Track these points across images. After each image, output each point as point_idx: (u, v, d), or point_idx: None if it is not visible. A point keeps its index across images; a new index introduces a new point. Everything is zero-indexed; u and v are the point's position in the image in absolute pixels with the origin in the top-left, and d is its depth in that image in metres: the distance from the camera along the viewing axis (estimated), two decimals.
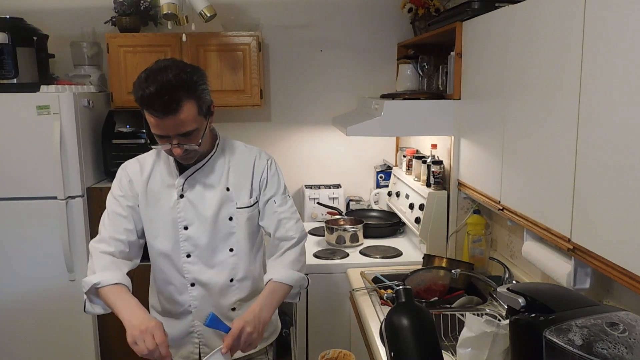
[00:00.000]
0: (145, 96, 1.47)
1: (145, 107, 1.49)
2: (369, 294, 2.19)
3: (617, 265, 1.25)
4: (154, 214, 1.69)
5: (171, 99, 1.46)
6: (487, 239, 2.31)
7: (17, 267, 2.78)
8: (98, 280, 1.57)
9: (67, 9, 3.23)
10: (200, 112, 1.54)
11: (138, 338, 1.42)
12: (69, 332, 2.85)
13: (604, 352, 1.02)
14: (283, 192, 1.76)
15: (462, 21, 2.27)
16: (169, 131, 1.51)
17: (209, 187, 1.68)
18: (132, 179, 1.71)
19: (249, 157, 1.75)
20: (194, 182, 1.68)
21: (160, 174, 1.70)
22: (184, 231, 1.67)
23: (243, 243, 1.71)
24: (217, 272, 1.70)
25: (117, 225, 1.68)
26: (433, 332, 1.35)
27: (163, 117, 1.48)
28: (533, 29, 1.63)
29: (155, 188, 1.69)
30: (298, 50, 3.34)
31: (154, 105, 1.46)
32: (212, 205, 1.67)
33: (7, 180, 2.72)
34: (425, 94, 2.55)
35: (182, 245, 1.68)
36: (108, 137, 2.94)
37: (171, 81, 1.47)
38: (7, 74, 2.76)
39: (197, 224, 1.67)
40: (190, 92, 1.50)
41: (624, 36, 1.19)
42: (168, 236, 1.69)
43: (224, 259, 1.70)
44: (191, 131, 1.53)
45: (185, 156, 1.59)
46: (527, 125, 1.68)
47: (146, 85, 1.47)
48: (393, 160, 3.42)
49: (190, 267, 1.70)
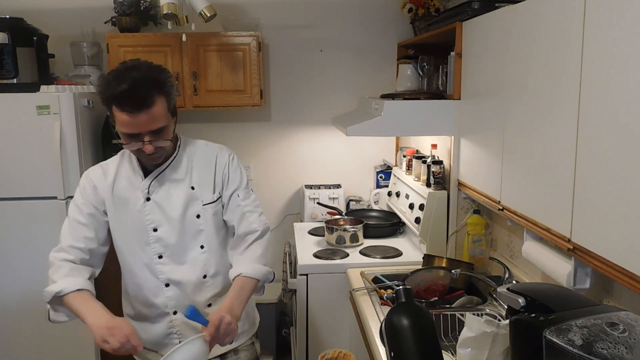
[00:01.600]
0: (117, 94, 1.48)
1: (118, 104, 1.50)
2: (369, 294, 2.19)
3: (617, 265, 1.25)
4: (122, 218, 1.70)
5: (144, 94, 1.49)
6: (487, 239, 2.31)
7: (17, 267, 2.78)
8: (60, 289, 1.59)
9: (67, 9, 3.23)
10: (169, 108, 1.58)
11: (107, 335, 1.45)
12: (69, 332, 2.84)
13: (604, 352, 1.02)
14: (245, 187, 1.78)
15: (462, 21, 2.27)
16: (141, 128, 1.52)
17: (174, 188, 1.70)
18: (97, 185, 1.71)
19: (211, 154, 1.77)
20: (159, 184, 1.69)
21: (125, 178, 1.71)
22: (153, 233, 1.69)
23: (212, 239, 1.73)
24: (189, 270, 1.71)
25: (77, 233, 1.69)
26: (433, 332, 1.35)
27: (136, 114, 1.49)
28: (533, 29, 1.63)
29: (121, 193, 1.70)
30: (298, 50, 3.34)
31: (127, 102, 1.48)
32: (178, 205, 1.69)
33: (7, 180, 2.72)
34: (425, 94, 2.55)
35: (153, 247, 1.69)
36: (108, 137, 2.94)
37: (142, 78, 1.50)
38: (7, 74, 2.76)
39: (165, 225, 1.69)
40: (160, 88, 1.54)
41: (624, 36, 1.19)
42: (138, 239, 1.70)
43: (195, 256, 1.72)
44: (162, 128, 1.56)
45: (154, 155, 1.60)
46: (527, 125, 1.68)
47: (116, 83, 1.48)
48: (393, 160, 3.42)
49: (162, 268, 1.71)
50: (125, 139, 1.56)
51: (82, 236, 1.68)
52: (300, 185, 3.42)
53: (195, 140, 1.81)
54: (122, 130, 1.55)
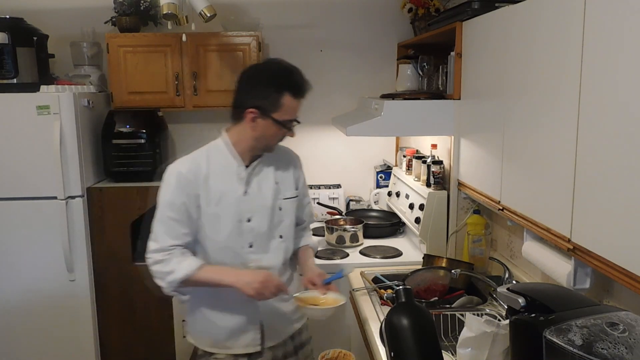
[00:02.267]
0: (301, 81, 1.73)
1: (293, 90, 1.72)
2: (369, 294, 2.19)
3: (617, 265, 1.25)
4: (217, 210, 1.77)
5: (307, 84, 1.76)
6: (487, 239, 2.31)
7: (17, 267, 2.78)
8: (185, 273, 1.71)
9: (67, 9, 3.23)
10: None
11: (262, 290, 1.68)
12: (69, 332, 2.85)
13: (604, 352, 1.02)
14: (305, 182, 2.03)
15: (462, 21, 2.27)
16: (297, 114, 1.77)
17: (264, 182, 1.85)
18: (191, 179, 1.76)
19: (288, 153, 1.97)
20: (254, 177, 1.83)
21: (220, 172, 1.79)
22: (247, 223, 1.80)
23: (289, 229, 1.91)
24: (273, 257, 1.85)
25: (173, 231, 1.75)
26: (433, 332, 1.35)
27: (300, 99, 1.74)
28: (533, 29, 1.63)
29: (217, 186, 1.78)
30: (298, 50, 3.34)
31: (304, 88, 1.74)
32: (268, 197, 1.84)
33: (7, 180, 2.72)
34: (425, 94, 2.55)
35: (246, 237, 1.80)
36: (108, 137, 2.94)
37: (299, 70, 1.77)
38: (7, 74, 2.76)
39: (258, 216, 1.82)
40: None
41: (624, 36, 1.19)
42: (232, 229, 1.79)
43: (276, 245, 1.86)
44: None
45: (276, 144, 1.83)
46: (527, 125, 1.68)
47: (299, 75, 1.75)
48: (393, 160, 3.42)
49: (253, 256, 1.82)
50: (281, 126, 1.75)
51: (179, 233, 1.75)
52: None
53: None
54: (285, 117, 1.73)
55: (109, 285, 2.93)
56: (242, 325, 1.83)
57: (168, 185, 1.76)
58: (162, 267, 1.72)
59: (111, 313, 2.95)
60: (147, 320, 2.97)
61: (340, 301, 1.77)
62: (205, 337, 1.86)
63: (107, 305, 2.94)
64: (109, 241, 2.89)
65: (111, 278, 2.93)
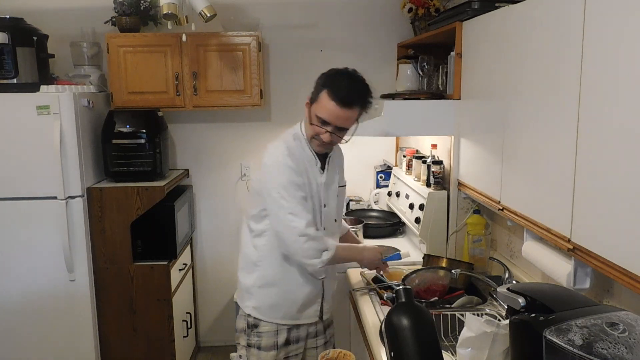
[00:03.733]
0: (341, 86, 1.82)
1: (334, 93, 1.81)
2: (369, 294, 2.19)
3: (617, 265, 1.25)
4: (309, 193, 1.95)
5: (353, 98, 1.83)
6: (487, 239, 2.31)
7: (17, 267, 2.78)
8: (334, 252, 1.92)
9: (67, 9, 3.23)
10: (356, 119, 1.90)
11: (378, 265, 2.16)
12: (69, 332, 2.85)
13: (604, 352, 1.02)
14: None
15: (462, 21, 2.27)
16: (333, 119, 1.83)
17: (333, 172, 2.06)
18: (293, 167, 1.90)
19: (339, 148, 2.15)
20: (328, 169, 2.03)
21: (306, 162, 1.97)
22: (324, 209, 2.01)
23: (340, 213, 2.17)
24: (334, 238, 2.05)
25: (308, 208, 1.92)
26: (433, 332, 1.35)
27: (340, 106, 1.81)
28: (533, 28, 1.63)
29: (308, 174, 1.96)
30: (298, 50, 3.34)
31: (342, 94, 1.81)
32: (334, 186, 2.06)
33: (7, 180, 2.72)
34: (425, 94, 2.55)
35: (323, 221, 2.00)
36: (108, 137, 2.94)
37: (362, 89, 1.86)
38: (7, 74, 2.76)
39: (330, 202, 2.04)
40: (365, 102, 1.87)
41: (624, 36, 1.19)
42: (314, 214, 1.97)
43: (335, 226, 2.10)
44: (344, 128, 1.89)
45: (326, 144, 1.92)
46: (527, 125, 1.68)
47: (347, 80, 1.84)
48: (393, 160, 3.42)
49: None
50: (317, 121, 1.86)
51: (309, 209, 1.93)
52: None
53: None
54: (320, 114, 1.84)
55: (109, 285, 2.93)
56: (311, 298, 2.03)
57: (283, 169, 1.88)
58: (317, 245, 1.88)
59: (111, 313, 2.95)
60: (147, 320, 2.97)
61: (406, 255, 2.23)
62: (276, 310, 2.00)
63: (107, 305, 2.94)
64: (109, 241, 2.89)
65: (111, 278, 2.93)
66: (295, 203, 1.86)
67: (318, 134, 1.88)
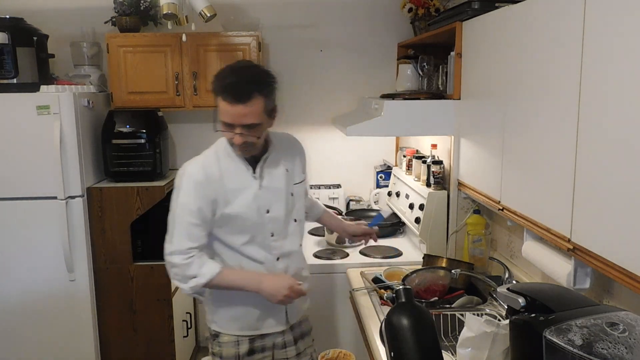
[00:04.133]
0: (224, 84, 1.70)
1: (221, 93, 1.70)
2: (369, 294, 2.19)
3: (617, 265, 1.25)
4: (239, 206, 1.83)
5: (245, 90, 1.69)
6: (487, 239, 2.31)
7: (17, 267, 2.78)
8: (207, 279, 1.79)
9: (67, 9, 3.23)
10: (265, 110, 1.75)
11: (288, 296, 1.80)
12: (69, 332, 2.85)
13: (604, 352, 1.02)
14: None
15: (462, 21, 2.27)
16: (234, 119, 1.71)
17: (276, 172, 1.91)
18: (205, 185, 1.80)
19: (292, 140, 2.04)
20: (267, 171, 1.89)
21: (232, 172, 1.85)
22: (267, 214, 1.87)
23: (301, 212, 2.02)
24: (291, 242, 1.95)
25: (192, 235, 1.80)
26: (433, 332, 1.35)
27: (234, 105, 1.68)
28: (533, 28, 1.63)
29: (233, 185, 1.84)
30: (298, 50, 3.34)
31: (229, 91, 1.68)
32: (281, 185, 1.91)
33: (7, 180, 2.72)
34: (425, 94, 2.55)
35: (268, 227, 1.88)
36: (108, 137, 2.94)
37: (248, 76, 1.73)
38: (7, 74, 2.76)
39: (275, 205, 1.90)
40: (262, 90, 1.72)
41: (623, 36, 1.19)
42: (253, 224, 1.86)
43: (292, 229, 1.96)
44: (254, 124, 1.73)
45: (243, 147, 1.78)
46: (527, 125, 1.68)
47: (228, 75, 1.72)
48: (393, 160, 3.42)
49: (275, 244, 1.90)
50: (223, 126, 1.76)
51: (198, 236, 1.81)
52: None
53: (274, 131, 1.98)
54: (221, 118, 1.74)
55: (109, 285, 2.93)
56: (270, 306, 1.90)
57: (184, 190, 1.81)
58: (183, 271, 1.78)
59: (111, 313, 2.95)
60: (147, 320, 2.97)
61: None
62: (234, 322, 1.93)
63: (107, 305, 2.94)
64: (109, 241, 2.89)
65: (111, 278, 2.93)
66: (176, 227, 1.80)
67: (230, 139, 1.78)
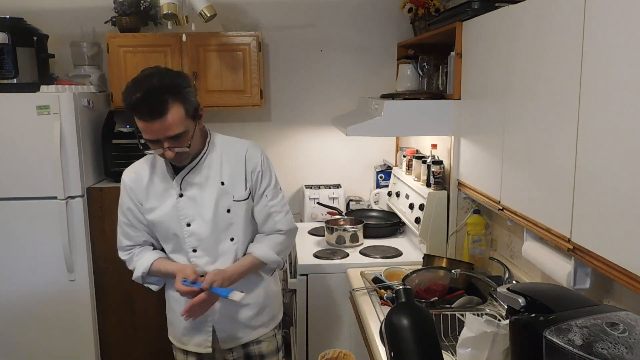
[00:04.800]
0: (133, 102, 1.54)
1: (134, 112, 1.56)
2: (369, 294, 2.19)
3: (617, 265, 1.24)
4: (159, 215, 1.78)
5: (157, 102, 1.54)
6: (487, 239, 2.31)
7: (17, 267, 2.78)
8: (141, 272, 1.80)
9: (67, 9, 3.23)
10: (187, 114, 1.61)
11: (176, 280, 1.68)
12: (69, 332, 2.85)
13: (604, 352, 1.02)
14: (274, 186, 1.84)
15: (462, 21, 2.27)
16: (158, 134, 1.58)
17: (205, 184, 1.75)
18: (133, 188, 1.79)
19: (241, 150, 1.81)
20: (191, 180, 1.75)
21: (159, 177, 1.78)
22: (187, 228, 1.76)
23: (242, 231, 1.81)
24: (222, 262, 1.80)
25: (126, 234, 1.84)
26: (433, 332, 1.35)
27: (151, 121, 1.55)
28: (533, 28, 1.63)
29: (157, 191, 1.78)
30: (298, 50, 3.34)
31: (141, 110, 1.54)
32: (210, 200, 1.75)
33: (7, 180, 2.72)
34: (425, 94, 2.55)
35: (188, 241, 1.77)
36: (108, 137, 2.94)
37: (155, 86, 1.55)
38: (7, 74, 2.76)
39: (198, 220, 1.75)
40: (175, 95, 1.58)
41: (624, 36, 1.19)
42: (175, 234, 1.78)
43: (226, 248, 1.80)
44: (180, 134, 1.60)
45: (177, 158, 1.68)
46: (527, 125, 1.68)
47: (133, 92, 1.55)
48: (393, 160, 3.42)
49: (197, 261, 1.79)
50: (149, 144, 1.64)
51: (132, 235, 1.83)
52: (300, 185, 3.41)
53: (225, 136, 1.86)
54: (145, 136, 1.61)
55: (109, 285, 2.93)
56: (194, 324, 1.84)
57: (121, 191, 1.83)
58: (127, 265, 1.85)
59: (111, 313, 2.95)
60: (147, 320, 2.97)
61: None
62: (170, 328, 1.96)
63: (107, 305, 2.94)
64: (109, 241, 2.88)
65: (111, 278, 2.93)
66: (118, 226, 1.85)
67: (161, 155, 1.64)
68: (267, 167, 1.83)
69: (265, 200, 1.81)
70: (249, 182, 1.79)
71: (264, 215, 1.82)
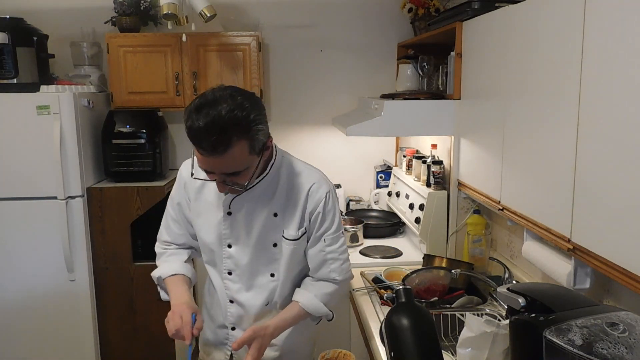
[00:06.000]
0: (194, 129, 1.32)
1: (192, 140, 1.35)
2: (369, 294, 2.19)
3: (617, 265, 1.25)
4: (201, 225, 1.64)
5: (219, 139, 1.31)
6: (487, 239, 2.31)
7: (17, 267, 2.78)
8: (159, 274, 1.65)
9: (67, 9, 3.23)
10: (252, 151, 1.40)
11: (169, 317, 1.48)
12: (69, 332, 2.85)
13: (604, 352, 1.02)
14: (335, 230, 1.64)
15: (462, 21, 2.27)
16: (214, 168, 1.41)
17: (256, 210, 1.57)
18: (188, 182, 1.64)
19: (305, 184, 1.61)
20: (242, 202, 1.57)
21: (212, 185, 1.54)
22: (227, 249, 1.62)
23: (285, 270, 1.63)
24: (255, 295, 1.64)
25: (169, 228, 1.71)
26: (433, 332, 1.35)
27: (208, 156, 1.36)
28: (533, 28, 1.63)
29: (207, 198, 1.62)
30: (298, 50, 3.34)
31: (201, 141, 1.33)
32: (257, 228, 1.58)
33: (7, 180, 2.72)
34: (425, 94, 2.55)
35: (225, 262, 1.63)
36: (108, 137, 2.94)
37: (223, 118, 1.31)
38: (7, 74, 2.76)
39: (240, 244, 1.61)
40: (243, 132, 1.35)
41: (623, 36, 1.19)
42: (213, 249, 1.64)
43: (264, 282, 1.64)
44: (239, 171, 1.42)
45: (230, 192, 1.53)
46: (527, 125, 1.68)
47: (196, 117, 1.32)
48: (393, 160, 3.42)
49: (230, 285, 1.65)
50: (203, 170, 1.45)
51: (174, 232, 1.70)
52: None
53: (295, 161, 1.68)
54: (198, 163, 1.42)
55: (109, 285, 2.93)
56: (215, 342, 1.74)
57: (175, 183, 1.70)
58: (157, 260, 1.71)
59: (111, 313, 2.95)
60: (147, 320, 2.97)
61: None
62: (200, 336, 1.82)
63: (107, 305, 2.94)
64: (109, 241, 2.89)
65: (111, 278, 2.93)
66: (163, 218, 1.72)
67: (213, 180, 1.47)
68: (331, 209, 1.62)
69: (321, 245, 1.62)
70: (305, 222, 1.59)
71: (318, 261, 1.63)
